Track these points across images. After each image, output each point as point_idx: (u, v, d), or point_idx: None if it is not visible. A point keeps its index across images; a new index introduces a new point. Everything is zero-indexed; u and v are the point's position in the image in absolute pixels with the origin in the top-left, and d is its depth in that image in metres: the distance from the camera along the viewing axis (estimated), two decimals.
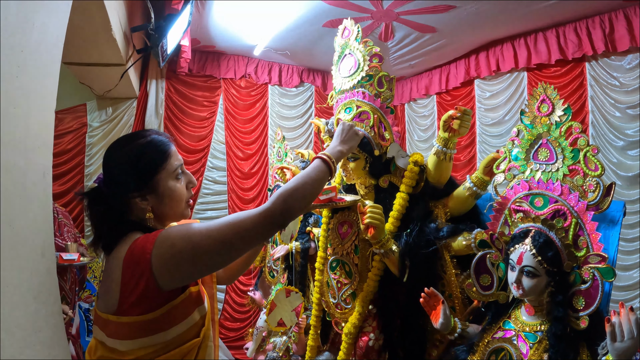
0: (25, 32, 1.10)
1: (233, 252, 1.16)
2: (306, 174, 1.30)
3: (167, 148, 1.27)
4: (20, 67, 1.08)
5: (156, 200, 1.24)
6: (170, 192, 1.25)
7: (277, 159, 3.49)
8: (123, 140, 1.28)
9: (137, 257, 1.11)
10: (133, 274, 1.10)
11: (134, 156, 1.22)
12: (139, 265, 1.10)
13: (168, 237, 1.11)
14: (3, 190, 1.00)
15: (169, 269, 1.10)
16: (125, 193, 1.22)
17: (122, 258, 1.13)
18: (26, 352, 1.08)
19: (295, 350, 2.90)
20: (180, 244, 1.10)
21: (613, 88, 3.95)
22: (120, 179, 1.22)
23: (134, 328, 1.13)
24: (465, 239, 1.88)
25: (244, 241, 1.14)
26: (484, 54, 4.92)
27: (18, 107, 1.08)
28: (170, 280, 1.11)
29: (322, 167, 1.35)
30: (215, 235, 1.11)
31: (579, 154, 1.57)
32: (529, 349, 1.49)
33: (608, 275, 1.41)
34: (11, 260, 1.04)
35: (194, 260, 1.11)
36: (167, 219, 1.30)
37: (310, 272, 2.98)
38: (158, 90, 5.08)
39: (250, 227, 1.14)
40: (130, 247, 1.13)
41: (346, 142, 1.54)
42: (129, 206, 1.24)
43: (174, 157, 1.27)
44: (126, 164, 1.22)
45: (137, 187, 1.22)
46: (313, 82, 5.94)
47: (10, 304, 1.02)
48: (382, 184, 2.16)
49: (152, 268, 1.09)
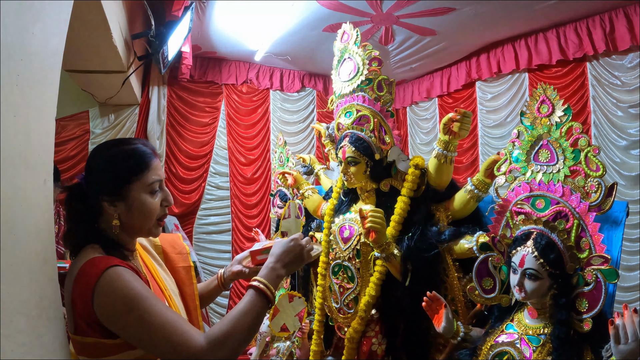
0: (25, 40, 1.10)
1: (154, 351, 1.10)
2: (239, 314, 1.15)
3: (148, 160, 1.24)
4: (20, 76, 1.08)
5: (125, 210, 1.21)
6: (140, 205, 1.22)
7: (279, 164, 3.49)
8: (110, 142, 1.28)
9: (83, 288, 1.10)
10: (83, 302, 1.10)
11: (113, 160, 1.22)
12: (85, 299, 1.09)
13: (109, 292, 1.08)
14: (4, 197, 1.00)
15: (108, 321, 1.09)
16: (97, 194, 1.21)
17: (74, 275, 1.13)
18: (28, 358, 1.08)
19: (299, 356, 2.90)
20: (120, 307, 1.08)
21: (614, 87, 3.94)
22: (96, 179, 1.22)
23: (98, 347, 1.12)
24: (467, 242, 1.88)
25: (166, 356, 1.09)
26: (485, 56, 4.91)
27: (18, 115, 1.08)
28: (111, 329, 1.10)
29: (257, 302, 1.18)
30: (149, 333, 1.08)
31: (579, 154, 1.56)
32: (532, 352, 1.48)
33: (611, 276, 1.40)
34: (13, 267, 1.04)
35: (125, 329, 1.09)
36: (134, 232, 1.27)
37: (313, 277, 2.98)
38: (160, 96, 5.09)
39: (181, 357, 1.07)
40: (80, 270, 1.12)
41: (288, 265, 1.30)
42: (100, 210, 1.22)
43: (153, 171, 1.24)
44: (104, 165, 1.22)
45: (109, 190, 1.20)
46: (314, 86, 5.95)
47: (11, 310, 1.02)
48: (383, 188, 2.16)
49: (94, 309, 1.08)
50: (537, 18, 4.18)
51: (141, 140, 1.30)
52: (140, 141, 1.29)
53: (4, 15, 0.98)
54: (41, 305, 1.18)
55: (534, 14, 4.06)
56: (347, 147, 2.11)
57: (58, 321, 1.28)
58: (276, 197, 3.50)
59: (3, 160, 1.00)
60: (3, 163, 1.00)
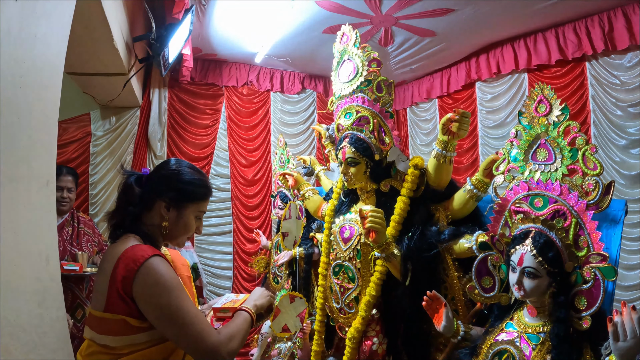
0: (28, 43, 1.12)
1: (176, 334, 1.28)
2: (239, 323, 1.45)
3: (209, 195, 1.54)
4: (23, 78, 1.10)
5: (174, 219, 1.44)
6: (186, 221, 1.46)
7: (280, 165, 3.50)
8: (192, 165, 1.55)
9: (129, 266, 1.25)
10: (125, 278, 1.24)
11: (188, 177, 1.47)
12: (128, 275, 1.24)
13: (151, 275, 1.26)
14: (7, 198, 1.02)
15: (143, 300, 1.25)
16: (159, 194, 1.42)
17: (117, 256, 1.26)
18: (30, 356, 1.10)
19: (300, 356, 2.90)
20: (157, 290, 1.26)
21: (614, 87, 3.94)
22: (166, 182, 1.44)
23: (121, 325, 1.24)
24: (466, 242, 1.89)
25: (187, 344, 1.28)
26: (484, 57, 4.92)
27: (21, 117, 1.10)
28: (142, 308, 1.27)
29: (247, 318, 1.48)
30: (177, 318, 1.26)
31: (577, 153, 1.57)
32: (531, 351, 1.49)
33: (609, 274, 1.40)
34: (16, 266, 1.06)
35: (156, 310, 1.26)
36: (169, 236, 1.47)
37: (314, 278, 2.99)
38: (161, 99, 5.11)
39: (200, 347, 1.27)
40: (126, 251, 1.27)
41: (259, 300, 1.60)
42: (152, 206, 1.42)
43: (205, 204, 1.53)
44: (180, 176, 1.46)
45: (172, 198, 1.42)
46: (315, 88, 5.96)
47: (15, 309, 1.04)
48: (383, 188, 2.17)
49: (133, 287, 1.24)
50: (536, 18, 4.19)
51: (206, 177, 1.58)
52: (206, 177, 1.58)
53: (7, 18, 0.99)
54: (44, 304, 1.20)
55: (533, 14, 4.07)
56: (347, 148, 2.12)
57: (60, 320, 1.30)
58: (277, 199, 3.51)
59: (6, 161, 1.02)
60: (6, 164, 1.02)
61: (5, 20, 1.00)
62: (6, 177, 1.03)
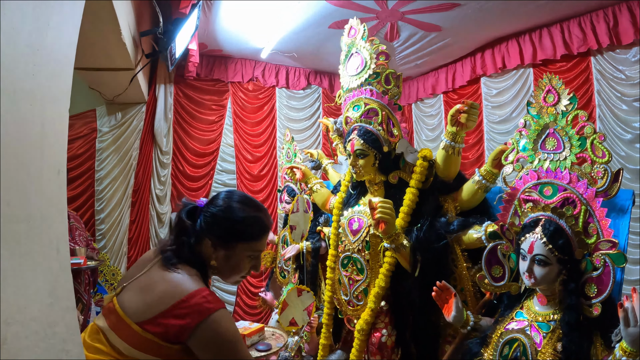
0: (42, 31, 1.12)
1: None
2: None
3: (263, 233, 1.39)
4: (37, 66, 1.10)
5: (222, 257, 1.34)
6: (236, 262, 1.36)
7: (287, 159, 3.50)
8: (246, 199, 1.42)
9: (194, 314, 1.19)
10: (183, 323, 1.18)
11: (238, 216, 1.35)
12: (189, 322, 1.18)
13: (218, 330, 1.20)
14: (20, 186, 1.02)
15: (202, 352, 1.20)
16: (207, 231, 1.33)
17: (180, 294, 1.21)
18: (40, 345, 1.10)
19: (308, 350, 2.91)
20: (222, 346, 1.20)
21: (619, 81, 3.93)
22: (214, 220, 1.34)
23: (148, 344, 1.19)
24: (475, 232, 1.89)
25: None
26: (490, 52, 4.92)
27: (35, 104, 1.10)
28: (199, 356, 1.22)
29: None
30: None
31: (585, 141, 1.57)
32: (542, 339, 1.49)
33: (619, 260, 1.41)
34: (27, 255, 1.06)
35: None
36: (218, 273, 1.39)
37: (322, 272, 2.99)
38: (167, 94, 5.13)
39: None
40: (193, 295, 1.21)
41: None
42: (202, 242, 1.34)
43: (261, 243, 1.39)
44: (228, 214, 1.34)
45: (219, 236, 1.33)
46: (320, 84, 5.97)
47: (25, 298, 1.04)
48: (391, 180, 2.17)
49: (191, 336, 1.18)
50: (541, 13, 4.18)
51: (266, 211, 1.44)
52: (265, 212, 1.43)
53: (21, 6, 1.00)
54: (54, 294, 1.20)
55: (538, 8, 4.06)
56: (355, 140, 2.12)
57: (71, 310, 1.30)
58: (284, 193, 3.51)
59: (20, 148, 1.02)
60: (20, 152, 1.02)
61: (21, 8, 1.01)
62: (19, 165, 1.04)
